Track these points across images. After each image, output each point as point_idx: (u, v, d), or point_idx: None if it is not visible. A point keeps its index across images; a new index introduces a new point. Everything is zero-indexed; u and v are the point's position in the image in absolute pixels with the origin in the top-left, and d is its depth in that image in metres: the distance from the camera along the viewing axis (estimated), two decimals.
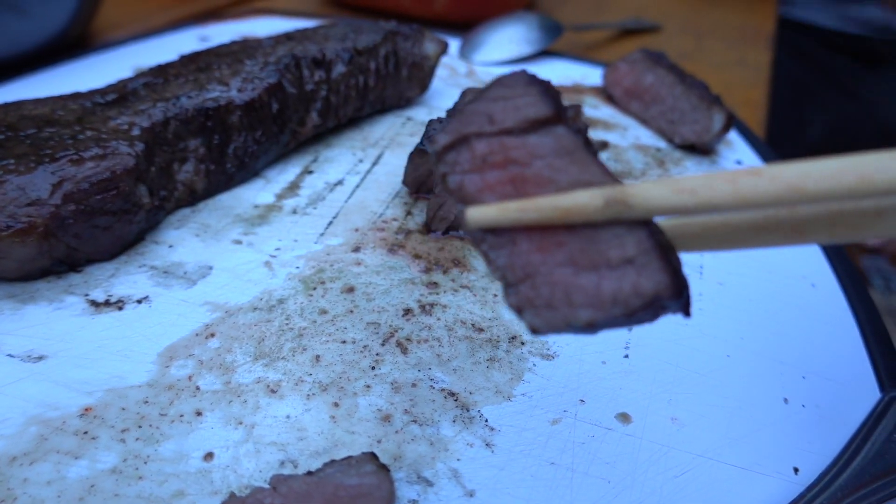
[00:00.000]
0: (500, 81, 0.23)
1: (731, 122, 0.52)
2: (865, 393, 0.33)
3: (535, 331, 0.21)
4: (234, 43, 0.49)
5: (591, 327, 0.20)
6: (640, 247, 0.20)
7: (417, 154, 0.43)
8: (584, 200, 0.20)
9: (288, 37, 0.51)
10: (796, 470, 0.29)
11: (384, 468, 0.25)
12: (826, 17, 1.13)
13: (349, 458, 0.26)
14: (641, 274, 0.19)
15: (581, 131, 0.22)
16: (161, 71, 0.44)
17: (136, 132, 0.38)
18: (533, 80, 0.22)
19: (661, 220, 0.21)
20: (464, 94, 0.49)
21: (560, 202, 0.20)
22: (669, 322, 0.36)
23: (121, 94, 0.41)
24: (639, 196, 0.19)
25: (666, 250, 0.20)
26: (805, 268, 0.42)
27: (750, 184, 0.18)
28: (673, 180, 0.19)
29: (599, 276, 0.20)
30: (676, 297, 0.19)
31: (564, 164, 0.21)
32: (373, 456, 0.26)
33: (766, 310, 0.38)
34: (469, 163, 0.22)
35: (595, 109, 0.60)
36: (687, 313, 0.20)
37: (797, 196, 0.18)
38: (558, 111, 0.22)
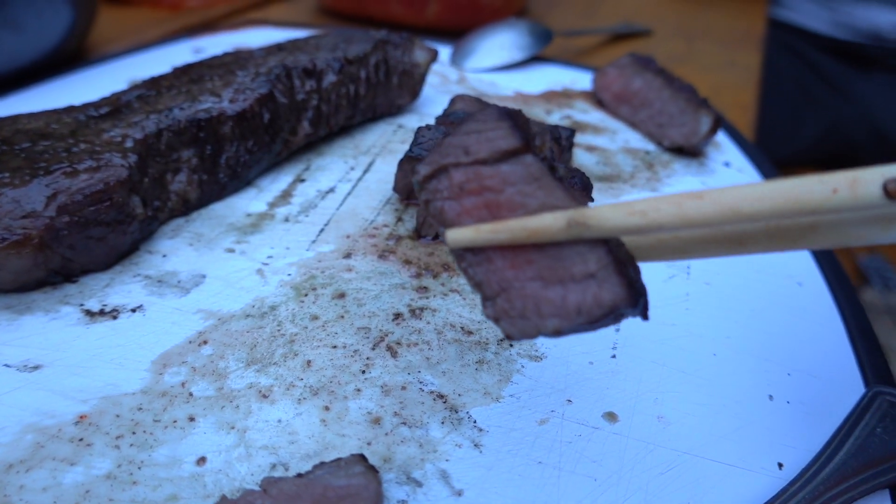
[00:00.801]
0: (473, 117, 0.25)
1: (719, 124, 0.53)
2: (850, 389, 0.34)
3: (510, 337, 0.23)
4: (225, 54, 0.50)
5: (558, 334, 0.23)
6: (600, 263, 0.22)
7: (407, 161, 0.43)
8: (549, 222, 0.22)
9: (279, 47, 0.52)
10: (781, 465, 0.30)
11: (372, 469, 0.26)
12: (817, 21, 1.14)
13: (338, 459, 0.26)
14: (602, 287, 0.22)
15: (546, 159, 0.25)
16: (154, 83, 0.45)
17: (129, 144, 0.39)
18: (503, 114, 0.25)
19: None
20: (453, 101, 0.49)
21: (528, 224, 0.23)
22: (657, 323, 0.37)
23: (114, 107, 0.41)
24: (596, 218, 0.22)
25: (624, 264, 0.22)
26: (791, 267, 0.43)
27: (693, 206, 0.20)
28: (626, 204, 0.21)
29: (565, 290, 0.22)
30: (633, 306, 0.22)
31: (533, 189, 0.24)
32: (361, 457, 0.26)
33: (752, 309, 0.39)
34: (448, 190, 0.25)
35: (585, 114, 0.61)
36: (644, 317, 0.22)
37: (735, 217, 0.20)
38: (527, 142, 0.24)
